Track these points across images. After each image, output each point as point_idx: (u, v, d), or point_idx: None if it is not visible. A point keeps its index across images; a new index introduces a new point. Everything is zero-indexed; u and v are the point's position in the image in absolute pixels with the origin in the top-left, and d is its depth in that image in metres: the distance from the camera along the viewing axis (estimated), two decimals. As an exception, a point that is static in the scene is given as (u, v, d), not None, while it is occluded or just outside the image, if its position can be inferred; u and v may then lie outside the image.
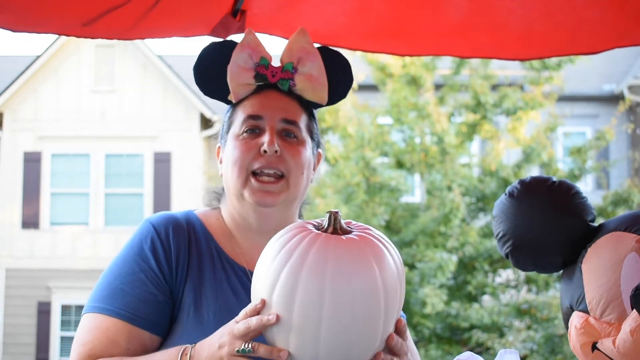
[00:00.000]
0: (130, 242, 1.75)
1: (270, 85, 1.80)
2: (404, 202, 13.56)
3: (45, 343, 16.46)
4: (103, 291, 1.70)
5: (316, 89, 1.81)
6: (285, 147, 1.76)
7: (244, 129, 1.78)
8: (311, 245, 1.44)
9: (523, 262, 1.85)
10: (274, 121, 1.77)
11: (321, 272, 1.41)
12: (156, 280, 1.69)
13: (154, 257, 1.71)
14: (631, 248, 1.69)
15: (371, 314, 1.42)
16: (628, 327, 1.61)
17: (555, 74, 13.25)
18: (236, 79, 1.78)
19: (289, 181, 1.76)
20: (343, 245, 1.45)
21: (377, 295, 1.43)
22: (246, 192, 1.75)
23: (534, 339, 11.76)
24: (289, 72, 1.79)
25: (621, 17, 2.29)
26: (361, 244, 1.46)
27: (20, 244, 16.88)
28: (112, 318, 1.66)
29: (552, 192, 1.81)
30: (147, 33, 2.36)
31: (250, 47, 1.79)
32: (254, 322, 1.44)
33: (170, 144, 16.98)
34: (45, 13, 2.07)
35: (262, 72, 1.79)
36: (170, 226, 1.75)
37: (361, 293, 1.41)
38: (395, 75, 13.05)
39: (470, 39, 2.50)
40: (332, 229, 1.49)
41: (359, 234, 1.49)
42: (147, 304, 1.67)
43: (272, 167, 1.74)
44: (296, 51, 1.80)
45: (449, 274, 11.99)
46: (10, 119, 17.19)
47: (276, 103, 1.79)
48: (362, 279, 1.42)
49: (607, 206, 12.63)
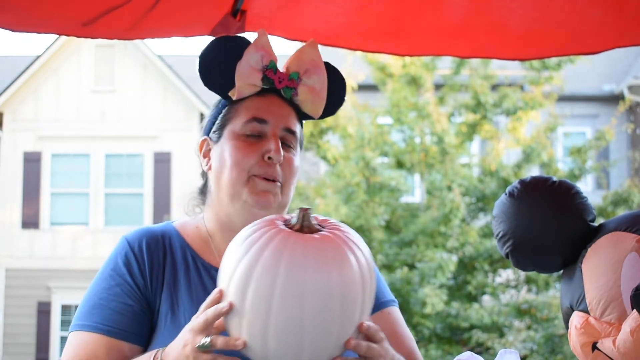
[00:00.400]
0: (108, 259, 1.79)
1: (273, 90, 1.80)
2: (404, 202, 13.56)
3: (45, 343, 16.46)
4: (83, 308, 1.74)
5: (315, 103, 1.82)
6: (284, 157, 1.77)
7: (246, 130, 1.77)
8: (270, 240, 1.45)
9: (523, 262, 1.85)
10: (278, 128, 1.77)
11: (274, 268, 1.42)
12: (131, 292, 1.72)
13: (128, 270, 1.74)
14: (631, 248, 1.69)
15: (323, 315, 1.42)
16: (628, 327, 1.61)
17: (555, 74, 13.25)
18: (245, 78, 1.78)
19: (284, 188, 1.77)
20: (302, 244, 1.45)
21: (330, 296, 1.42)
22: (245, 192, 1.75)
23: (534, 339, 11.76)
24: (295, 81, 1.80)
25: (621, 17, 2.29)
26: (322, 244, 1.46)
27: (20, 244, 16.88)
28: (91, 333, 1.70)
29: (553, 192, 1.81)
30: (147, 33, 2.36)
31: (264, 49, 1.79)
32: (210, 313, 1.46)
33: (170, 144, 16.98)
34: (45, 13, 2.07)
35: (271, 76, 1.79)
36: (144, 240, 1.78)
37: (312, 292, 1.41)
38: (395, 75, 13.05)
39: (470, 39, 2.50)
40: (300, 227, 1.49)
41: (325, 233, 1.49)
42: (123, 316, 1.71)
43: (273, 176, 1.75)
44: (305, 62, 1.81)
45: (449, 274, 11.99)
46: (10, 119, 17.19)
47: (280, 110, 1.79)
48: (314, 277, 1.41)
49: (607, 206, 12.63)
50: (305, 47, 1.82)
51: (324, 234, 1.49)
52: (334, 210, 11.72)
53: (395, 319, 1.88)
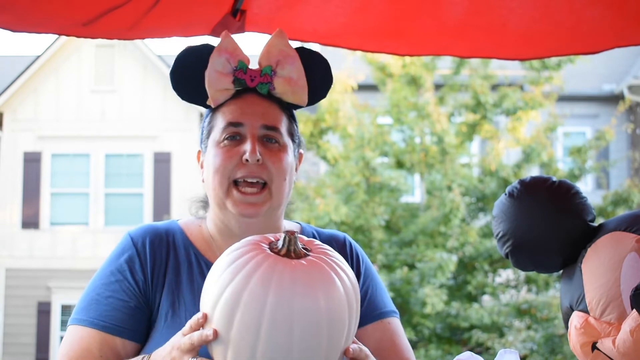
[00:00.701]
0: (110, 255, 1.80)
1: (250, 89, 1.77)
2: (404, 202, 13.55)
3: (45, 343, 16.46)
4: (81, 303, 1.75)
5: (296, 92, 1.78)
6: (266, 154, 1.74)
7: (224, 136, 1.75)
8: (258, 267, 1.42)
9: (523, 262, 1.85)
10: (255, 128, 1.75)
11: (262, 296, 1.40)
12: (129, 288, 1.73)
13: (129, 267, 1.74)
14: (631, 248, 1.69)
15: (311, 342, 1.40)
16: (628, 327, 1.61)
17: (555, 74, 13.25)
18: (215, 85, 1.76)
19: (272, 189, 1.74)
20: (290, 270, 1.42)
21: (318, 323, 1.40)
22: (229, 203, 1.74)
23: (534, 339, 11.75)
24: (268, 75, 1.77)
25: (621, 17, 2.29)
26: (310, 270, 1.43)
27: (20, 244, 16.88)
28: (86, 328, 1.71)
29: (552, 192, 1.81)
30: (147, 33, 2.36)
31: (227, 52, 1.76)
32: (195, 337, 1.46)
33: (170, 144, 16.98)
34: (45, 13, 2.07)
35: (241, 76, 1.76)
36: (147, 237, 1.78)
37: (300, 321, 1.39)
38: (395, 75, 13.05)
39: (470, 39, 2.50)
40: (286, 251, 1.46)
41: (312, 259, 1.46)
42: (119, 312, 1.71)
43: (254, 176, 1.73)
44: (274, 54, 1.77)
45: (449, 274, 11.98)
46: (10, 119, 17.19)
47: (256, 108, 1.76)
48: (303, 306, 1.40)
49: (607, 206, 12.62)
50: (272, 39, 1.78)
51: (311, 259, 1.46)
52: (334, 210, 11.71)
53: (394, 329, 1.86)
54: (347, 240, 1.91)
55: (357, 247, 1.92)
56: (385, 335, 1.80)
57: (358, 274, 1.86)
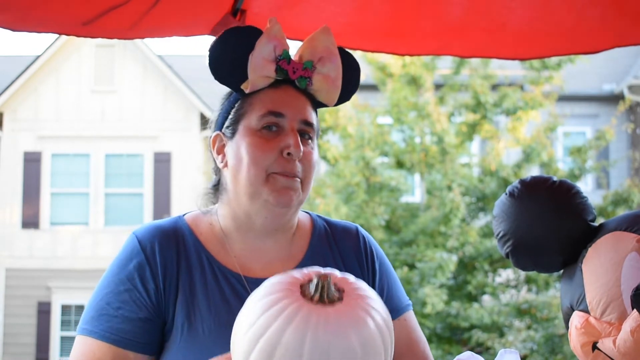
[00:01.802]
0: (117, 259, 1.72)
1: (288, 80, 1.73)
2: (404, 202, 13.55)
3: (45, 343, 16.46)
4: (90, 312, 1.69)
5: (330, 91, 1.76)
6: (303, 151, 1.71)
7: (262, 124, 1.70)
8: (292, 318, 1.38)
9: (523, 261, 1.84)
10: (295, 121, 1.71)
11: (298, 349, 1.36)
12: (140, 299, 1.66)
13: (140, 275, 1.67)
14: (632, 248, 1.68)
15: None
16: (628, 327, 1.61)
17: (555, 73, 13.25)
18: (259, 70, 1.70)
19: (304, 184, 1.71)
20: (324, 321, 1.38)
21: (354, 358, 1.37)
22: (265, 191, 1.68)
23: (534, 339, 11.76)
24: (309, 70, 1.73)
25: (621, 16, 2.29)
26: (345, 319, 1.39)
27: (20, 244, 16.88)
28: (97, 341, 1.65)
29: (553, 191, 1.81)
30: (147, 32, 2.36)
31: (276, 39, 1.72)
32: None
33: (170, 144, 16.98)
34: (45, 13, 2.07)
35: (284, 66, 1.71)
36: (156, 240, 1.70)
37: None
38: (395, 75, 13.05)
39: (470, 39, 2.50)
40: (319, 297, 1.41)
41: (347, 304, 1.42)
42: (131, 324, 1.65)
43: (293, 173, 1.68)
44: (319, 50, 1.73)
45: (449, 274, 11.98)
46: (10, 119, 17.19)
47: (296, 101, 1.72)
48: (340, 357, 1.36)
49: (607, 206, 12.63)
50: (318, 33, 1.74)
51: (346, 307, 1.41)
52: (334, 210, 11.71)
53: (411, 324, 1.85)
54: (360, 233, 1.87)
55: (370, 240, 1.88)
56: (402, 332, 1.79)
57: (373, 272, 1.83)
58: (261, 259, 1.74)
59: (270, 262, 1.74)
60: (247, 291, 1.66)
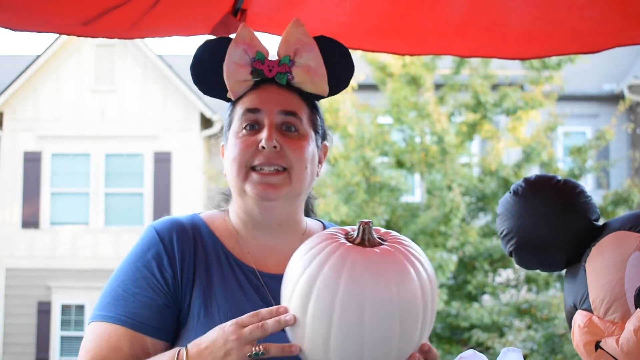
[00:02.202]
0: (134, 249, 1.74)
1: (269, 80, 1.76)
2: (404, 201, 13.56)
3: (45, 343, 16.46)
4: (106, 298, 1.70)
5: (315, 81, 1.77)
6: (285, 142, 1.72)
7: (243, 125, 1.75)
8: (331, 254, 1.45)
9: (527, 260, 1.84)
10: (273, 114, 1.73)
11: (334, 283, 1.42)
12: (158, 286, 1.68)
13: (157, 264, 1.70)
14: (635, 247, 1.69)
15: (382, 329, 1.42)
16: (632, 326, 1.61)
17: (555, 73, 13.25)
18: (233, 76, 1.75)
19: (292, 175, 1.72)
20: (362, 257, 1.44)
21: (390, 310, 1.41)
22: (248, 186, 1.72)
23: (534, 339, 11.76)
24: (286, 65, 1.75)
25: (621, 16, 2.29)
26: (383, 258, 1.45)
27: (20, 244, 16.87)
28: (114, 325, 1.65)
29: (557, 190, 1.81)
30: (147, 32, 2.36)
31: (245, 43, 1.75)
32: (270, 324, 1.46)
33: (170, 144, 16.98)
34: (45, 12, 2.07)
35: (259, 67, 1.75)
36: (174, 231, 1.73)
37: (371, 306, 1.41)
38: (395, 75, 13.05)
39: (470, 38, 2.50)
40: (360, 240, 1.48)
41: (386, 247, 1.48)
42: (148, 310, 1.67)
43: (272, 164, 1.71)
44: (292, 43, 1.75)
45: (449, 274, 11.99)
46: (10, 119, 17.19)
47: (275, 96, 1.75)
48: (373, 292, 1.41)
49: (607, 206, 12.63)
50: (289, 27, 1.76)
51: (385, 248, 1.47)
52: (334, 210, 11.72)
53: None
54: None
55: None
56: None
57: None
58: (273, 256, 1.77)
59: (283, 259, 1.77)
60: (262, 284, 1.72)
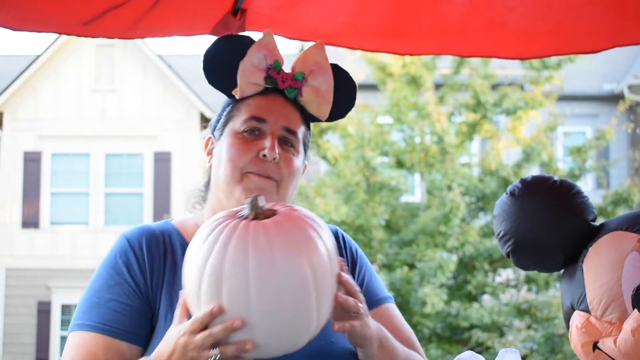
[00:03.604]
0: (107, 258, 1.77)
1: (277, 90, 1.79)
2: (404, 201, 13.56)
3: (45, 343, 16.46)
4: (81, 307, 1.73)
5: (321, 104, 1.81)
6: (282, 155, 1.75)
7: (245, 128, 1.76)
8: (231, 235, 1.42)
9: (524, 261, 1.84)
10: (277, 127, 1.76)
11: (243, 261, 1.40)
12: (130, 291, 1.70)
13: (128, 269, 1.72)
14: (632, 247, 1.69)
15: (301, 298, 1.41)
16: (629, 327, 1.61)
17: (555, 73, 13.25)
18: (247, 77, 1.77)
19: (280, 187, 1.75)
20: (263, 230, 1.43)
21: (305, 284, 1.41)
22: (238, 189, 1.74)
23: (534, 339, 11.76)
24: (299, 81, 1.79)
25: (621, 16, 2.29)
26: (282, 224, 1.45)
27: (20, 244, 16.88)
28: (90, 332, 1.68)
29: (554, 191, 1.81)
30: (147, 32, 2.36)
31: (267, 48, 1.78)
32: (217, 331, 1.43)
33: (170, 144, 16.98)
34: (45, 12, 2.07)
35: (274, 75, 1.78)
36: (143, 237, 1.76)
37: (287, 285, 1.40)
38: (395, 75, 13.05)
39: (470, 38, 2.50)
40: (254, 215, 1.48)
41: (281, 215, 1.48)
42: (122, 315, 1.68)
43: (267, 173, 1.74)
44: (310, 63, 1.79)
45: (449, 274, 11.99)
46: (10, 119, 17.19)
47: (281, 109, 1.78)
48: (283, 259, 1.40)
49: (607, 206, 12.63)
50: (312, 48, 1.80)
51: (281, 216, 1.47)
52: (334, 210, 11.72)
53: (392, 313, 1.88)
54: (339, 233, 1.92)
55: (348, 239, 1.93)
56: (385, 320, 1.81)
57: (354, 263, 1.88)
58: None
59: None
60: None
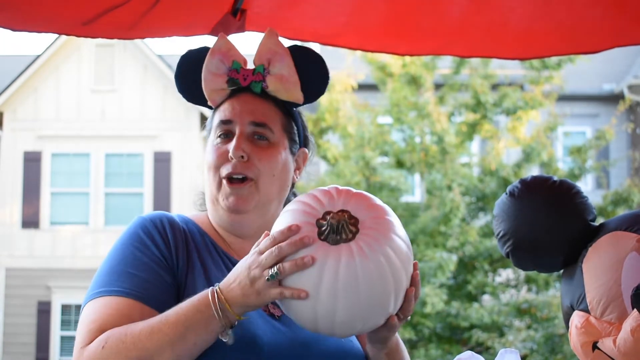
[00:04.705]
0: (126, 233, 1.71)
1: (245, 88, 1.80)
2: (404, 201, 13.56)
3: (45, 343, 16.46)
4: (107, 277, 1.64)
5: (289, 89, 1.80)
6: (254, 151, 1.75)
7: (218, 133, 1.79)
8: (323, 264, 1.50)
9: (524, 261, 1.84)
10: (243, 125, 1.77)
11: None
12: (160, 262, 1.65)
13: (153, 243, 1.67)
14: (632, 247, 1.68)
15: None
16: (629, 327, 1.61)
17: (555, 73, 13.25)
18: (210, 85, 1.80)
19: (259, 185, 1.75)
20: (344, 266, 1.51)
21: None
22: (220, 197, 1.75)
23: (534, 339, 11.76)
24: (260, 74, 1.79)
25: (621, 16, 2.29)
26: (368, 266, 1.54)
27: (20, 244, 16.87)
28: (123, 297, 1.59)
29: (553, 191, 1.81)
30: (147, 32, 2.36)
31: (220, 53, 1.79)
32: (285, 247, 1.48)
33: (170, 144, 16.98)
34: (45, 12, 2.07)
35: (234, 76, 1.79)
36: (165, 220, 1.74)
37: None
38: (395, 75, 13.06)
39: (470, 39, 2.50)
40: (335, 240, 1.52)
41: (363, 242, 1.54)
42: (155, 285, 1.63)
43: (238, 173, 1.74)
44: (265, 53, 1.79)
45: (449, 274, 11.99)
46: (10, 119, 17.18)
47: (247, 106, 1.78)
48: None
49: (607, 206, 12.63)
50: (264, 38, 1.81)
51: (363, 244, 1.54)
52: (334, 210, 11.70)
53: None
54: None
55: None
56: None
57: None
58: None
59: None
60: None
